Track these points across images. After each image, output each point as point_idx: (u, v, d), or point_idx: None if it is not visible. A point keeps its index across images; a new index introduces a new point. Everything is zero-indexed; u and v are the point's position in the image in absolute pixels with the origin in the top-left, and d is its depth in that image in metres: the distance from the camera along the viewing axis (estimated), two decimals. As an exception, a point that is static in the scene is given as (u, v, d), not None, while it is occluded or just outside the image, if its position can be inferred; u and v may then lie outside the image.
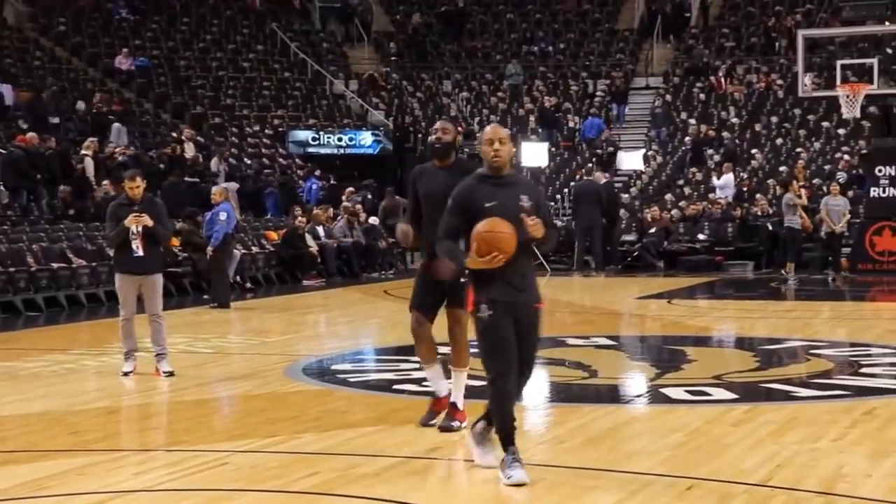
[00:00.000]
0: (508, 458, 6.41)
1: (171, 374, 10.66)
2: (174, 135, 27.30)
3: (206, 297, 18.59)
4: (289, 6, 37.38)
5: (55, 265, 17.98)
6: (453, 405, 7.82)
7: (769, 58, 33.64)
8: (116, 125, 25.96)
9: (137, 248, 10.60)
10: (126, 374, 10.69)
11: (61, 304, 17.71)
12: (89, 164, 22.13)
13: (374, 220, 25.54)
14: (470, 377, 8.00)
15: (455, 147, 7.85)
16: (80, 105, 27.68)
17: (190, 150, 25.54)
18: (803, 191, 21.24)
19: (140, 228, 10.56)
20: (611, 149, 30.54)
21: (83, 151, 22.29)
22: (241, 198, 25.70)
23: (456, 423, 7.75)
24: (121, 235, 10.61)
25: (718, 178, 26.98)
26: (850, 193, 24.03)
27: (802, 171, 24.88)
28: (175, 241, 20.19)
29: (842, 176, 25.57)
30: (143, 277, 10.74)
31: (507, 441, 6.45)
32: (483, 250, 6.24)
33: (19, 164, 21.15)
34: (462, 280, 7.21)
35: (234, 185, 25.61)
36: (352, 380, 10.48)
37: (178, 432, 8.09)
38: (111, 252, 11.18)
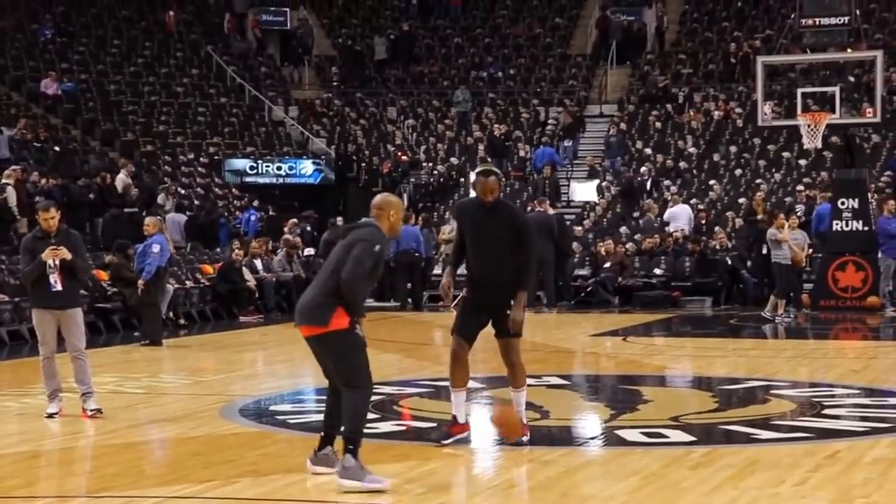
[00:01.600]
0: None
1: (98, 411, 10.58)
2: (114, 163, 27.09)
3: (136, 333, 18.45)
4: (219, 29, 37.36)
5: (-25, 300, 17.77)
6: (520, 421, 8.79)
7: (728, 85, 34.07)
8: None
9: (56, 282, 10.53)
10: (51, 415, 10.59)
11: (-19, 342, 17.51)
12: (11, 194, 21.95)
13: (309, 251, 25.53)
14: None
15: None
16: (3, 131, 27.46)
17: (123, 181, 25.33)
18: (787, 223, 21.22)
19: (57, 262, 10.50)
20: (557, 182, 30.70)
21: (4, 180, 22.12)
22: (191, 230, 25.65)
23: (525, 438, 8.79)
24: (37, 269, 10.54)
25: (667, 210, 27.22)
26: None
27: (761, 203, 25.15)
28: (104, 275, 20.07)
29: (800, 209, 25.87)
30: (62, 312, 10.66)
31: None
32: None
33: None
34: (508, 312, 8.74)
35: (180, 217, 25.57)
36: (291, 421, 10.45)
37: (106, 478, 8.02)
38: (27, 287, 11.08)
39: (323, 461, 7.72)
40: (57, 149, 27.46)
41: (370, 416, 10.35)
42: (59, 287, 10.54)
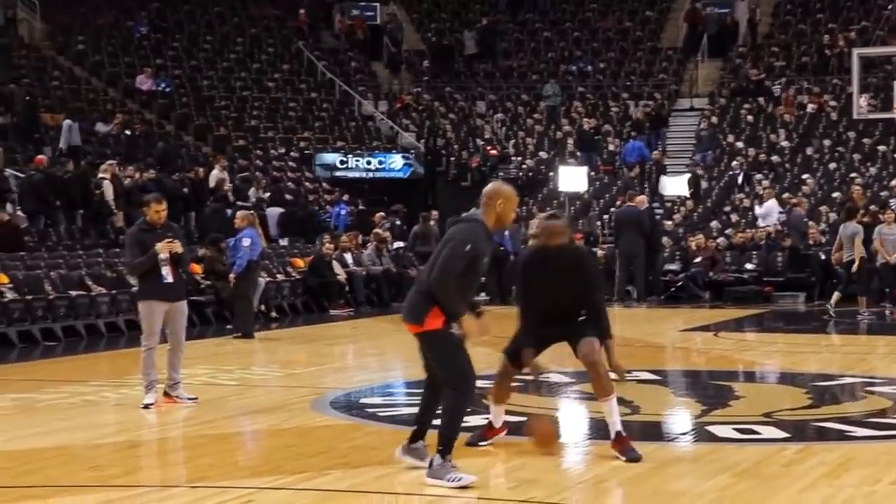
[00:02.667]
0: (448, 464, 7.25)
1: (195, 399, 10.93)
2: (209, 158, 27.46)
3: (229, 326, 18.68)
4: (316, 25, 37.68)
5: (74, 293, 18.12)
6: (618, 434, 8.26)
7: (821, 78, 33.59)
8: (67, 122, 26.12)
9: (167, 274, 10.71)
10: (147, 406, 10.77)
11: (80, 334, 17.84)
12: (108, 188, 22.32)
13: (399, 244, 25.64)
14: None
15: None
16: (100, 127, 27.95)
17: (217, 176, 25.61)
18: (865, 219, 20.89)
19: (168, 254, 10.67)
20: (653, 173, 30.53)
21: (101, 175, 22.50)
22: (286, 224, 25.94)
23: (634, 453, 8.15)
24: (150, 261, 10.70)
25: (760, 206, 26.92)
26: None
27: (861, 198, 24.75)
28: (197, 269, 20.33)
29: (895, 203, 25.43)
30: (172, 304, 10.84)
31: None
32: None
33: (39, 188, 21.36)
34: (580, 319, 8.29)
35: (275, 211, 25.91)
36: (381, 414, 10.51)
37: (201, 468, 8.14)
38: (132, 280, 11.27)
39: (412, 453, 7.76)
40: (161, 144, 27.89)
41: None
42: (170, 279, 10.76)
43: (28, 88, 28.29)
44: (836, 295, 20.40)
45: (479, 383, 11.06)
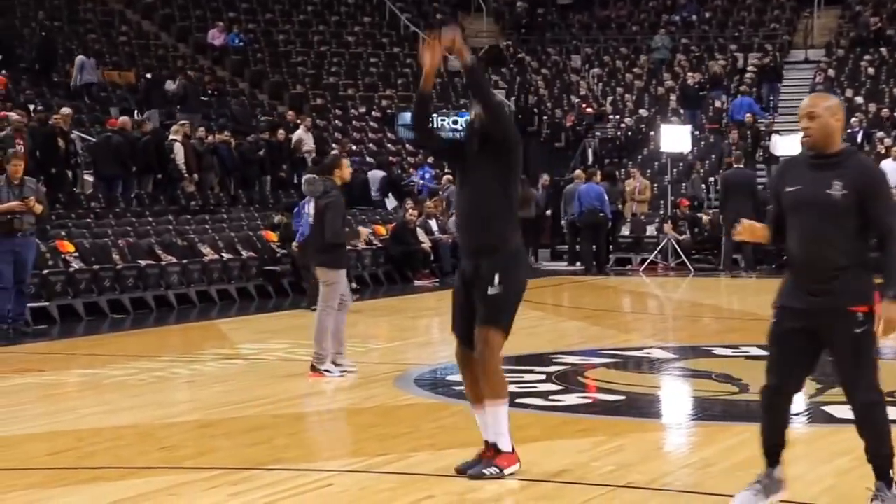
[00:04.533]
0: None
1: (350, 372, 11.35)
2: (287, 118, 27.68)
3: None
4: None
5: (143, 263, 18.35)
6: (493, 447, 7.18)
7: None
8: (80, 58, 26.36)
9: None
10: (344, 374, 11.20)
11: (149, 306, 18.08)
12: (179, 151, 22.54)
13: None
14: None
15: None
16: (170, 85, 28.22)
17: (301, 136, 25.80)
18: None
19: None
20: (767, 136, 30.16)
21: (172, 136, 22.71)
22: (385, 187, 26.47)
23: (493, 470, 7.08)
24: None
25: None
26: None
27: None
28: (273, 236, 20.48)
29: None
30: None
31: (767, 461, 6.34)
32: None
33: (120, 150, 21.61)
34: (490, 291, 7.11)
35: (377, 174, 26.20)
36: (470, 393, 10.51)
37: (277, 449, 8.21)
38: (333, 242, 11.41)
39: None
40: (234, 104, 28.14)
41: (553, 387, 10.40)
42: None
43: (46, 23, 28.60)
44: None
45: (574, 360, 11.01)
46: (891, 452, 6.10)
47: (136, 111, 25.75)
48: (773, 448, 6.30)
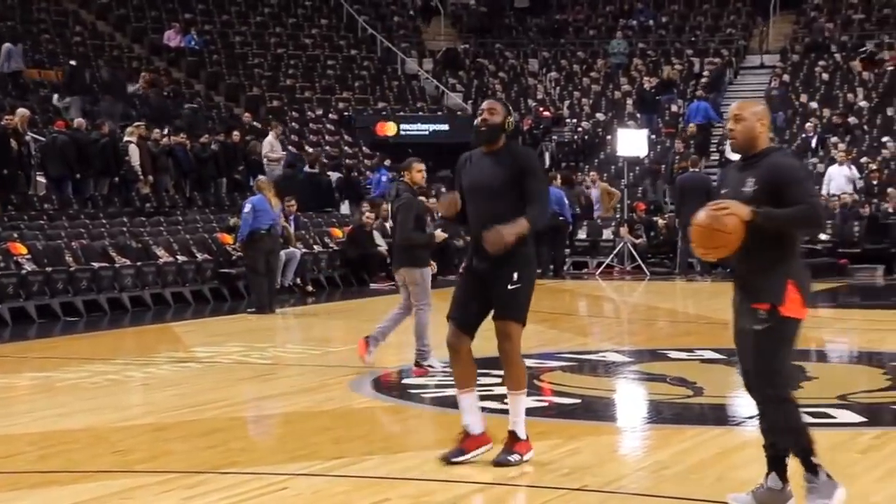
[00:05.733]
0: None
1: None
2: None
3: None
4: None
5: (96, 265, 18.24)
6: (512, 434, 7.62)
7: (904, 31, 33.24)
8: (7, 45, 26.14)
9: None
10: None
11: (103, 308, 17.97)
12: (134, 153, 22.43)
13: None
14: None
15: (505, 129, 7.69)
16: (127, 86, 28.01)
17: (271, 143, 25.75)
18: None
19: None
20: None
21: (127, 138, 22.60)
22: (342, 189, 26.53)
23: (515, 457, 7.50)
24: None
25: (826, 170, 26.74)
26: None
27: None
28: (228, 239, 20.42)
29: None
30: None
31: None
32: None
33: (65, 151, 21.47)
34: (510, 287, 7.41)
35: (334, 176, 26.32)
36: (425, 395, 10.53)
37: (232, 452, 8.19)
38: (415, 244, 11.57)
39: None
40: (194, 105, 28.03)
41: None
42: None
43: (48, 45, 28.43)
44: None
45: (530, 363, 11.06)
46: (799, 445, 6.25)
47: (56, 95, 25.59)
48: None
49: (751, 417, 9.64)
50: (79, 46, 30.32)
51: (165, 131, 24.27)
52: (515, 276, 7.43)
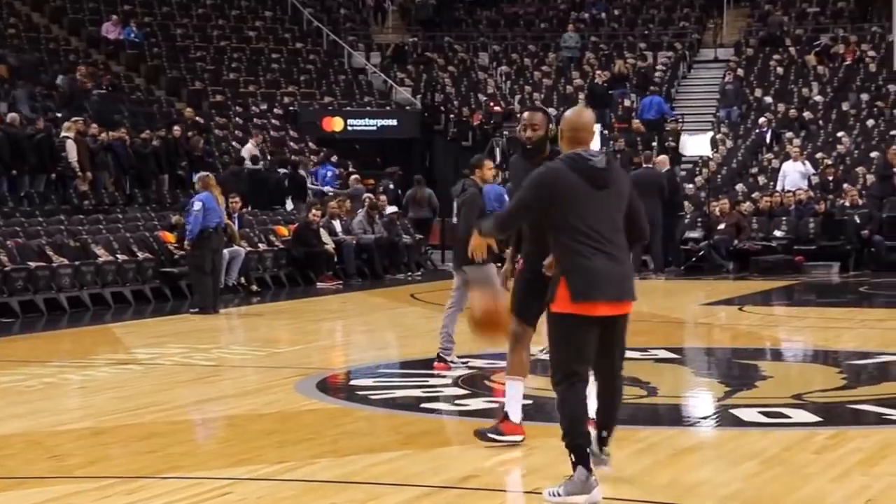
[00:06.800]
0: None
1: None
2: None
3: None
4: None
5: (32, 264, 18.09)
6: (505, 415, 8.04)
7: (859, 25, 33.48)
8: None
9: None
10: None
11: (39, 309, 17.83)
12: (72, 149, 22.26)
13: (392, 209, 25.61)
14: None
15: (549, 140, 7.91)
16: (61, 80, 27.81)
17: (250, 151, 25.70)
18: None
19: None
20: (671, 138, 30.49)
21: (64, 134, 22.42)
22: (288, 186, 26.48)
23: (496, 434, 7.99)
24: None
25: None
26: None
27: (896, 158, 24.76)
28: (171, 237, 20.32)
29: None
30: None
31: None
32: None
33: (-1, 147, 21.30)
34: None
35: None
36: (373, 397, 10.51)
37: (174, 457, 8.14)
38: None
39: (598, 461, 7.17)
40: (102, 91, 27.76)
41: (460, 391, 10.43)
42: None
43: None
44: None
45: (480, 364, 11.03)
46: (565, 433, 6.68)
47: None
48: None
49: (705, 418, 9.71)
50: (13, 39, 30.04)
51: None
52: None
